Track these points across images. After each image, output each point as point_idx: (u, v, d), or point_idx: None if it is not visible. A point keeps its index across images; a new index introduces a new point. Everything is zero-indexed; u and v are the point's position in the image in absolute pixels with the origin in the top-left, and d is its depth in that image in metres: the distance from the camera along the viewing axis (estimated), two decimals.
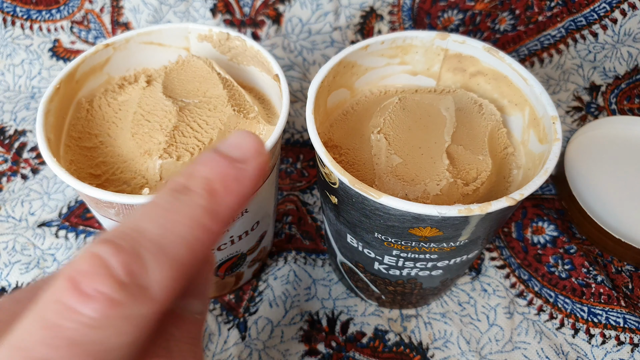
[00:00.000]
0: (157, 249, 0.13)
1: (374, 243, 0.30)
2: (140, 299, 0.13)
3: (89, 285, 0.12)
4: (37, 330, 0.12)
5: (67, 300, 0.12)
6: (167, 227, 0.14)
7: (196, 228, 0.14)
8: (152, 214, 0.14)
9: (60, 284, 0.13)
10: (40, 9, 0.53)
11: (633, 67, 0.49)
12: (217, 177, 0.15)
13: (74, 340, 0.12)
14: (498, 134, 0.32)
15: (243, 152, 0.16)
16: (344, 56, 0.33)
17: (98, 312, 0.12)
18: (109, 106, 0.32)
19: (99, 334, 0.12)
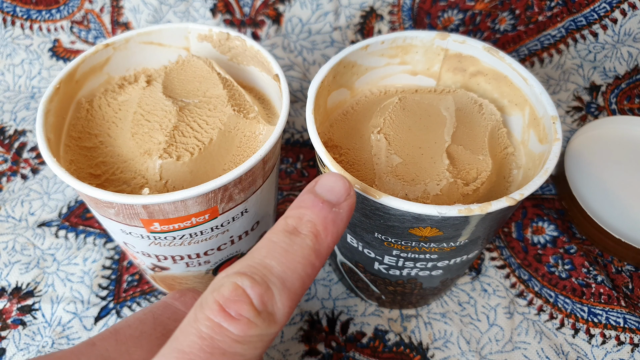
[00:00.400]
0: (281, 283, 0.18)
1: (374, 243, 0.30)
2: (269, 322, 0.17)
3: (234, 309, 0.17)
4: (195, 339, 0.16)
5: (218, 319, 0.17)
6: (287, 265, 0.18)
7: (307, 265, 0.18)
8: (274, 252, 0.18)
9: (211, 306, 0.17)
10: (40, 8, 0.53)
11: (633, 67, 0.49)
12: (319, 221, 0.19)
13: (223, 350, 0.16)
14: (498, 134, 0.32)
15: (337, 196, 0.20)
16: (344, 56, 0.33)
17: (241, 331, 0.17)
18: (108, 106, 0.32)
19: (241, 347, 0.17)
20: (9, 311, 0.38)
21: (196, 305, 0.18)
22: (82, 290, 0.39)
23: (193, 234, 0.29)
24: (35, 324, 0.38)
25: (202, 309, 0.17)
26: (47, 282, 0.40)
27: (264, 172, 0.30)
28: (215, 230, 0.30)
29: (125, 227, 0.28)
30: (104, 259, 0.41)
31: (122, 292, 0.40)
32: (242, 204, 0.29)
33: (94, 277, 0.40)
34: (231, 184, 0.27)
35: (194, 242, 0.30)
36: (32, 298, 0.39)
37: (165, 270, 0.34)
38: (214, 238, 0.31)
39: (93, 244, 0.42)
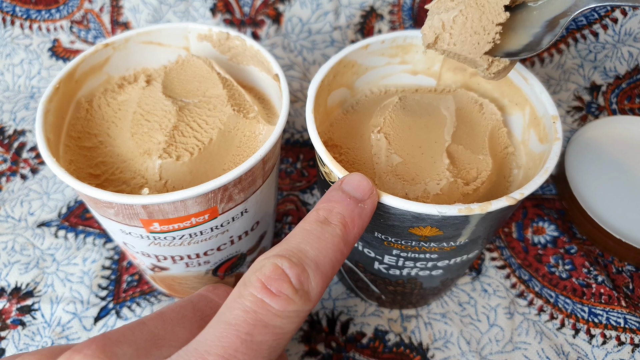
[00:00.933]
0: (315, 265, 0.20)
1: (374, 242, 0.30)
2: (305, 300, 0.19)
3: (275, 287, 0.19)
4: (240, 313, 0.18)
5: (260, 295, 0.19)
6: (320, 250, 0.20)
7: (337, 251, 0.21)
8: (308, 239, 0.21)
9: (254, 284, 0.19)
10: (40, 8, 0.53)
11: (634, 66, 0.49)
12: (348, 213, 0.22)
13: (265, 323, 0.18)
14: (498, 134, 0.32)
15: (362, 193, 0.23)
16: (344, 55, 0.33)
17: (281, 306, 0.19)
18: (108, 106, 0.32)
19: (280, 321, 0.19)
20: (9, 311, 0.38)
21: (239, 284, 0.20)
22: (82, 291, 0.39)
23: (193, 234, 0.29)
24: (35, 324, 0.38)
25: (246, 287, 0.19)
26: (47, 282, 0.40)
27: (264, 172, 0.30)
28: (215, 230, 0.30)
29: (124, 227, 0.28)
30: (103, 259, 0.41)
31: (121, 293, 0.40)
32: (242, 204, 0.29)
33: (93, 278, 0.40)
34: (231, 184, 0.27)
35: (194, 242, 0.30)
36: (31, 298, 0.39)
37: (165, 271, 0.34)
38: (214, 238, 0.30)
39: (93, 244, 0.42)
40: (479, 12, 0.25)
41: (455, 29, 0.26)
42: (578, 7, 0.25)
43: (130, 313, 0.38)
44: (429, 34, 0.27)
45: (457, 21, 0.26)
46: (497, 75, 0.27)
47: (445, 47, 0.27)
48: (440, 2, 0.27)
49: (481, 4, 0.25)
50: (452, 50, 0.26)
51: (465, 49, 0.26)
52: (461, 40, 0.26)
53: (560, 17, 0.26)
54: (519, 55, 0.26)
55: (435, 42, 0.27)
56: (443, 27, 0.26)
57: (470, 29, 0.25)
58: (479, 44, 0.26)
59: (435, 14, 0.27)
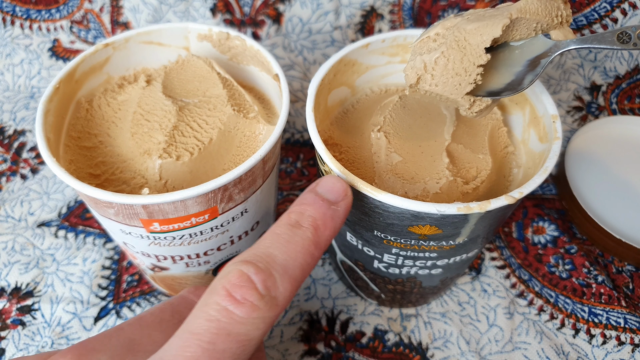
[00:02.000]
0: (283, 270, 0.20)
1: (374, 241, 0.30)
2: (271, 306, 0.19)
3: (239, 294, 0.19)
4: (204, 322, 0.18)
5: (225, 303, 0.18)
6: (288, 254, 0.20)
7: (307, 255, 0.21)
8: (277, 243, 0.21)
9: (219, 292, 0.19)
10: (40, 8, 0.53)
11: (634, 66, 0.49)
12: (319, 216, 0.22)
13: (229, 331, 0.18)
14: (498, 133, 0.32)
15: (335, 196, 0.23)
16: (345, 54, 0.33)
17: (245, 314, 0.18)
18: (108, 106, 0.32)
19: (245, 328, 0.18)
20: (9, 311, 0.38)
21: (206, 292, 0.19)
22: (82, 291, 0.39)
23: (193, 234, 0.29)
24: (35, 324, 0.38)
25: (211, 295, 0.19)
26: (47, 282, 0.40)
27: (264, 172, 0.30)
28: (215, 230, 0.30)
29: (124, 227, 0.28)
30: (103, 259, 0.41)
31: (121, 293, 0.40)
32: (242, 204, 0.29)
33: (93, 277, 0.40)
34: (231, 184, 0.27)
35: (194, 242, 0.30)
36: (31, 298, 0.39)
37: (165, 271, 0.34)
38: (214, 238, 0.30)
39: (93, 244, 0.42)
40: (460, 53, 0.25)
41: (437, 70, 0.26)
42: (558, 48, 0.26)
43: (130, 313, 0.38)
44: (411, 75, 0.27)
45: (439, 62, 0.26)
46: (479, 114, 0.27)
47: (427, 87, 0.27)
48: (422, 42, 0.27)
49: (462, 45, 0.25)
50: (434, 90, 0.27)
51: (447, 89, 0.26)
52: (443, 82, 0.26)
53: (541, 57, 0.26)
54: (500, 95, 0.26)
55: (417, 83, 0.27)
56: (425, 68, 0.26)
57: (451, 70, 0.26)
58: (461, 85, 0.26)
59: (417, 55, 0.27)
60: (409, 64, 0.27)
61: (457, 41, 0.25)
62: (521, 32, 0.26)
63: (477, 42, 0.25)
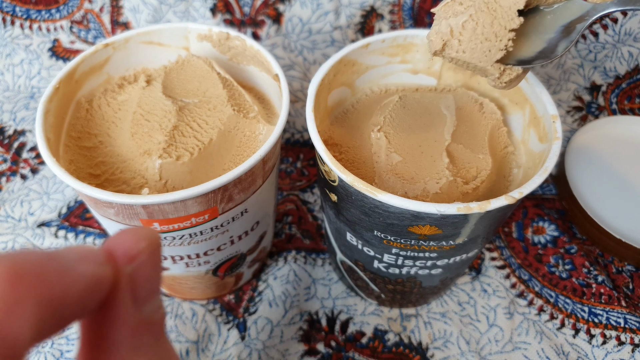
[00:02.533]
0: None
1: (374, 241, 0.30)
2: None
3: None
4: None
5: None
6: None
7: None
8: None
9: None
10: (40, 8, 0.53)
11: (634, 66, 0.49)
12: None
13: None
14: (498, 133, 0.32)
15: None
16: (345, 54, 0.33)
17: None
18: (108, 106, 0.32)
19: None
20: None
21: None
22: None
23: (193, 234, 0.29)
24: None
25: None
26: None
27: (264, 172, 0.30)
28: (215, 230, 0.30)
29: (124, 227, 0.28)
30: None
31: None
32: (242, 204, 0.29)
33: None
34: (231, 184, 0.27)
35: (194, 242, 0.30)
36: None
37: (165, 271, 0.34)
38: (214, 238, 0.30)
39: (93, 244, 0.42)
40: (490, 17, 0.23)
41: (465, 35, 0.24)
42: (596, 12, 0.23)
43: None
44: (436, 41, 0.25)
45: (467, 27, 0.24)
46: (508, 85, 0.25)
47: (453, 54, 0.25)
48: (447, 5, 0.25)
49: (493, 8, 0.23)
50: (461, 58, 0.25)
51: (475, 56, 0.24)
52: (471, 48, 0.24)
53: (576, 22, 0.24)
54: (532, 63, 0.24)
55: (443, 49, 0.25)
56: (451, 33, 0.25)
57: (481, 35, 0.24)
58: (490, 51, 0.24)
59: (442, 19, 0.25)
60: (433, 28, 0.25)
61: (487, 3, 0.23)
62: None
63: (508, 4, 0.23)
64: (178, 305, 0.39)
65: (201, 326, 0.38)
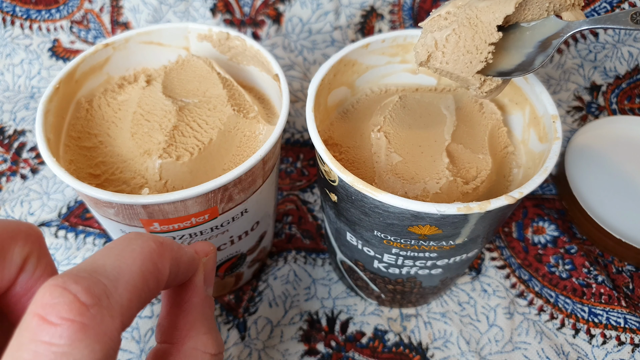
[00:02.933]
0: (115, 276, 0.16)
1: (374, 241, 0.30)
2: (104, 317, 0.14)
3: (55, 314, 0.14)
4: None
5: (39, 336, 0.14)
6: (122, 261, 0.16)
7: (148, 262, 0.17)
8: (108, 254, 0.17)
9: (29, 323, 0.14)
10: (40, 8, 0.53)
11: (634, 66, 0.49)
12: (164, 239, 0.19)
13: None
14: (498, 133, 0.32)
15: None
16: (345, 54, 0.33)
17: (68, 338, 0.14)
18: (108, 106, 0.32)
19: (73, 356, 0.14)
20: None
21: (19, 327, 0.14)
22: None
23: (193, 234, 0.29)
24: None
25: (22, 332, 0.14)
26: None
27: (264, 172, 0.30)
28: (215, 230, 0.30)
29: (124, 227, 0.28)
30: None
31: None
32: (242, 204, 0.29)
33: None
34: (231, 184, 0.27)
35: (194, 242, 0.30)
36: None
37: None
38: (214, 238, 0.30)
39: (93, 244, 0.42)
40: (472, 31, 0.25)
41: (448, 47, 0.26)
42: (570, 29, 0.25)
43: None
44: (421, 52, 0.27)
45: (450, 40, 0.26)
46: (489, 94, 0.27)
47: (437, 65, 0.27)
48: (433, 20, 0.27)
49: (474, 23, 0.25)
50: (445, 68, 0.27)
51: (457, 67, 0.26)
52: (454, 59, 0.26)
53: (552, 38, 0.26)
54: (511, 75, 0.26)
55: (428, 60, 0.27)
56: (436, 46, 0.26)
57: (463, 47, 0.26)
58: (472, 62, 0.26)
59: (428, 32, 0.27)
60: (419, 41, 0.27)
61: (469, 19, 0.25)
62: (533, 12, 0.26)
63: (489, 20, 0.25)
64: None
65: None
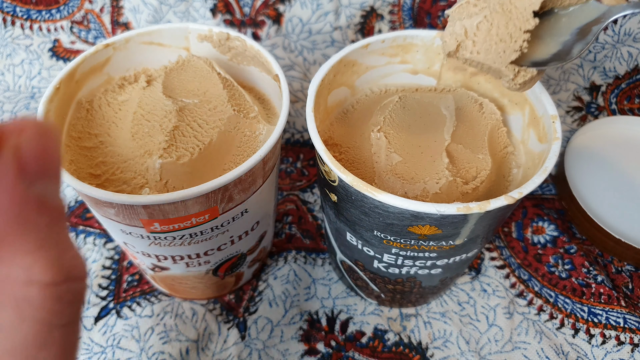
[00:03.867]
0: None
1: (374, 241, 0.30)
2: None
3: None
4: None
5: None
6: None
7: None
8: None
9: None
10: (40, 9, 0.53)
11: (633, 67, 0.49)
12: None
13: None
14: (498, 133, 0.32)
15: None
16: (345, 54, 0.33)
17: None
18: (109, 106, 0.32)
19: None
20: None
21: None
22: None
23: (193, 234, 0.29)
24: None
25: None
26: None
27: (264, 172, 0.30)
28: (215, 230, 0.30)
29: (125, 227, 0.28)
30: (104, 259, 0.41)
31: (122, 292, 0.40)
32: (242, 204, 0.29)
33: (94, 277, 0.40)
34: (231, 184, 0.27)
35: (194, 242, 0.30)
36: None
37: (165, 270, 0.34)
38: (214, 238, 0.31)
39: (93, 244, 0.42)
40: (505, 17, 0.23)
41: (479, 36, 0.24)
42: (612, 14, 0.23)
43: (130, 313, 0.38)
44: (450, 42, 0.25)
45: (482, 28, 0.24)
46: (522, 86, 0.25)
47: (467, 55, 0.25)
48: (462, 7, 0.25)
49: (507, 9, 0.23)
50: (475, 58, 0.25)
51: (489, 57, 0.24)
52: (485, 49, 0.24)
53: (592, 24, 0.24)
54: (547, 65, 0.24)
55: (457, 50, 0.25)
56: (466, 34, 0.25)
57: (495, 36, 0.24)
58: (505, 52, 0.24)
59: (456, 20, 0.25)
60: (447, 30, 0.25)
61: (502, 4, 0.23)
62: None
63: (524, 5, 0.23)
64: (178, 305, 0.39)
65: (201, 325, 0.38)
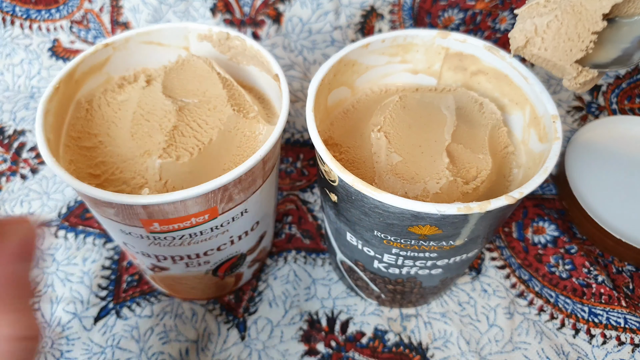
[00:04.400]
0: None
1: (374, 241, 0.30)
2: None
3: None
4: None
5: None
6: None
7: None
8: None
9: None
10: (40, 8, 0.53)
11: (633, 67, 0.49)
12: None
13: None
14: (498, 133, 0.32)
15: None
16: (345, 54, 0.33)
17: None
18: (108, 106, 0.32)
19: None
20: None
21: None
22: (82, 291, 0.39)
23: (193, 234, 0.29)
24: None
25: None
26: (47, 282, 0.40)
27: (264, 172, 0.30)
28: (214, 230, 0.30)
29: (124, 227, 0.28)
30: (103, 259, 0.41)
31: (121, 293, 0.40)
32: (242, 204, 0.29)
33: (93, 278, 0.40)
34: (231, 184, 0.27)
35: (194, 242, 0.30)
36: None
37: (165, 271, 0.34)
38: (214, 238, 0.30)
39: (92, 244, 0.42)
40: (575, 18, 0.25)
41: (549, 33, 0.26)
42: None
43: (130, 313, 0.38)
44: (519, 37, 0.27)
45: (552, 26, 0.25)
46: (582, 86, 0.27)
47: (535, 51, 0.26)
48: (532, 7, 0.27)
49: (578, 10, 0.25)
50: (543, 55, 0.26)
51: (556, 54, 0.26)
52: (553, 46, 0.26)
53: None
54: (607, 68, 0.26)
55: (525, 46, 0.27)
56: (536, 32, 0.26)
57: (564, 34, 0.25)
58: (572, 50, 0.25)
59: (527, 19, 0.27)
60: (516, 27, 0.27)
61: (573, 6, 0.25)
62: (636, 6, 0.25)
63: (594, 8, 0.24)
64: (178, 305, 0.39)
65: (201, 325, 0.38)
